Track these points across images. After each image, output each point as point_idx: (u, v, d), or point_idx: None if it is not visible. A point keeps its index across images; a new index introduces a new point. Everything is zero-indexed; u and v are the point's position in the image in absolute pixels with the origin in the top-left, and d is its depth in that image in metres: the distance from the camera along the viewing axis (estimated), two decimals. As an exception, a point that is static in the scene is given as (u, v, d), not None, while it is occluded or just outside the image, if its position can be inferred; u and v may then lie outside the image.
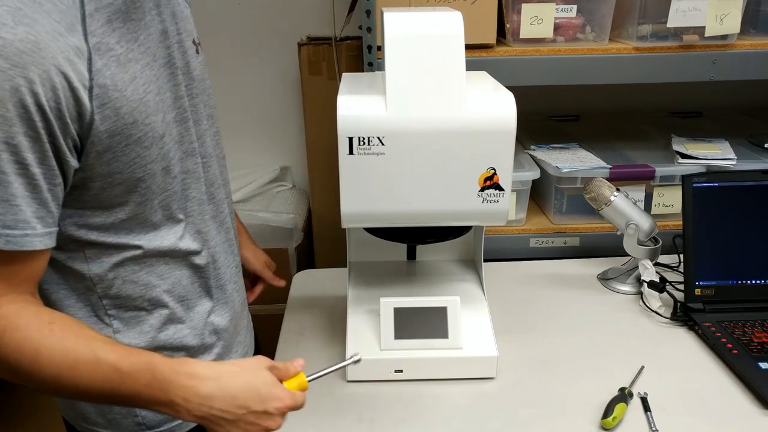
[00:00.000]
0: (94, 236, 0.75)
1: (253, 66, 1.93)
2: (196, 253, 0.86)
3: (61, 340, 0.66)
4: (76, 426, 0.89)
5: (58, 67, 0.62)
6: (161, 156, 0.76)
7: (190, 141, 0.83)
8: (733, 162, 1.47)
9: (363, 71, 1.36)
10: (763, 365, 1.06)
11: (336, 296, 1.31)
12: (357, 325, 1.10)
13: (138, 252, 0.79)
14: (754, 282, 1.24)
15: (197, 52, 0.85)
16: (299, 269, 1.62)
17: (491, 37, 1.36)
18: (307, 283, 1.40)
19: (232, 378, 0.68)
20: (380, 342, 1.05)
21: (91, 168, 0.69)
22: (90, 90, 0.65)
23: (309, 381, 0.77)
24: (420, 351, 1.05)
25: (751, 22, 1.40)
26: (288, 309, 1.31)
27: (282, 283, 1.19)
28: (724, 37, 1.36)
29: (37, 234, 0.65)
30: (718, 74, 1.37)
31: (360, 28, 1.36)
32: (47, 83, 0.61)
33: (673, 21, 1.33)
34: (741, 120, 1.83)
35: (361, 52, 1.37)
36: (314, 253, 2.03)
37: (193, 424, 0.85)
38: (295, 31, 1.87)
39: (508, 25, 1.38)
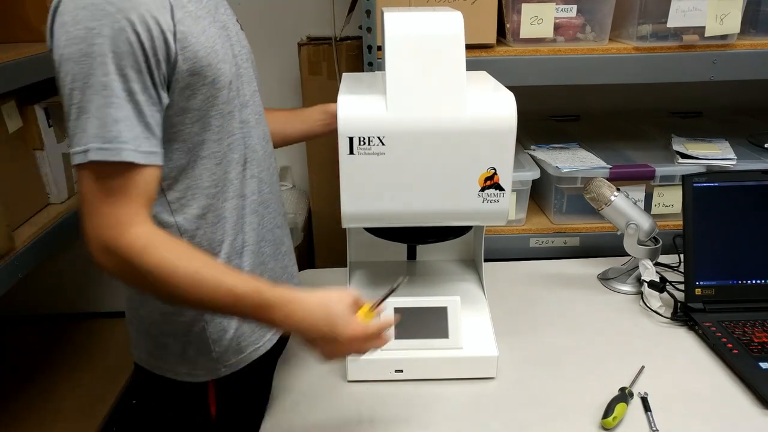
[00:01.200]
0: (175, 183, 0.86)
1: (253, 66, 1.93)
2: (254, 197, 0.96)
3: (191, 261, 0.78)
4: (154, 370, 0.98)
5: (151, 13, 0.75)
6: (229, 99, 0.87)
7: (245, 95, 0.93)
8: (733, 162, 1.47)
9: (363, 71, 1.36)
10: (764, 365, 1.06)
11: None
12: None
13: (212, 199, 0.89)
14: (754, 282, 1.24)
15: (242, 28, 0.99)
16: (299, 269, 1.62)
17: (491, 37, 1.36)
18: (307, 283, 1.39)
19: (317, 306, 0.81)
20: None
21: (176, 103, 0.82)
22: (174, 35, 0.78)
23: (372, 309, 0.87)
24: (420, 351, 1.05)
25: (751, 22, 1.40)
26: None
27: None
28: (724, 37, 1.36)
29: (145, 151, 0.77)
30: (718, 74, 1.37)
31: (360, 28, 1.36)
32: (144, 26, 0.74)
33: (673, 21, 1.33)
34: (741, 120, 1.83)
35: (361, 52, 1.37)
36: (314, 253, 2.03)
37: (261, 353, 1.00)
38: (295, 31, 1.87)
39: (508, 25, 1.38)
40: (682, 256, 1.40)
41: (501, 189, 0.99)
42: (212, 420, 0.99)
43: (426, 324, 1.05)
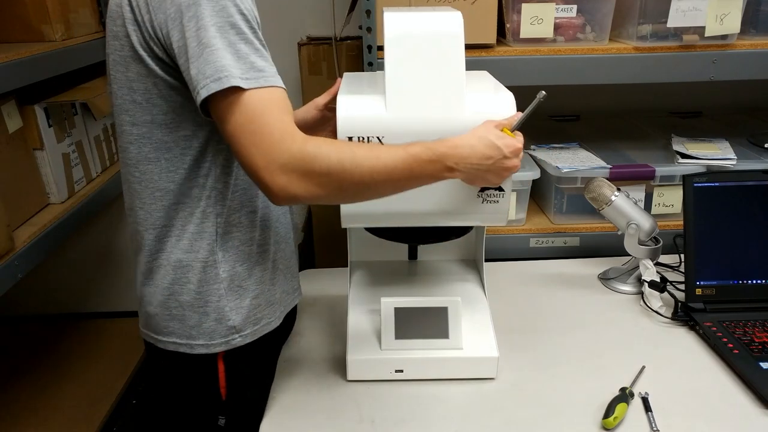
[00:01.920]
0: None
1: (253, 66, 1.93)
2: None
3: (361, 145, 0.86)
4: (167, 347, 0.99)
5: None
6: None
7: None
8: (733, 162, 1.47)
9: (363, 71, 1.36)
10: (764, 365, 1.06)
11: (336, 296, 1.31)
12: (357, 324, 1.10)
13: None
14: (754, 282, 1.24)
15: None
16: (299, 269, 1.62)
17: (491, 37, 1.36)
18: (307, 282, 1.39)
19: (477, 140, 0.88)
20: (381, 342, 1.05)
21: None
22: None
23: (514, 130, 0.93)
24: (420, 351, 1.05)
25: (751, 22, 1.40)
26: (288, 309, 1.30)
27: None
28: (724, 37, 1.36)
29: (279, 78, 0.84)
30: (718, 74, 1.37)
31: (360, 28, 1.36)
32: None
33: (673, 21, 1.33)
34: (741, 120, 1.83)
35: (361, 52, 1.37)
36: (314, 253, 2.03)
37: (272, 327, 1.04)
38: (295, 31, 1.87)
39: (508, 25, 1.38)
40: (682, 256, 1.40)
41: (501, 189, 0.99)
42: (222, 399, 1.01)
43: (426, 324, 1.05)
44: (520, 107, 0.95)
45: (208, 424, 1.03)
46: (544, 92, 0.92)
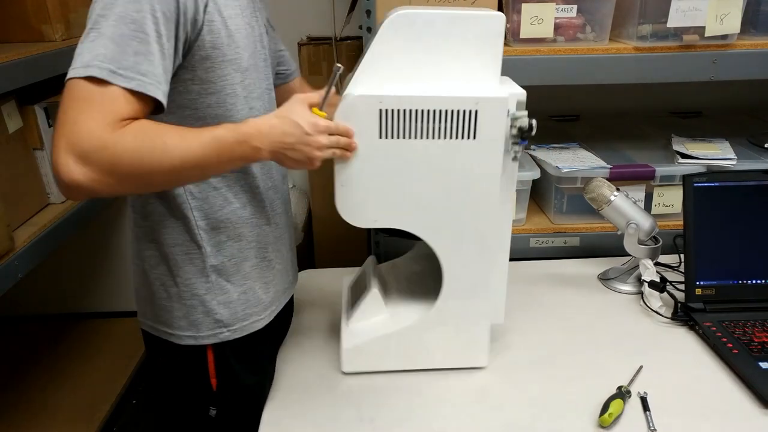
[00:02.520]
0: None
1: (253, 66, 1.93)
2: (256, 177, 0.99)
3: (170, 133, 0.82)
4: (160, 335, 1.02)
5: None
6: (244, 85, 0.92)
7: (258, 87, 0.97)
8: (733, 162, 1.47)
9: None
10: (764, 365, 1.06)
11: (336, 296, 1.31)
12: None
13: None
14: (754, 282, 1.24)
15: (267, 33, 1.03)
16: (299, 269, 1.62)
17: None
18: (307, 283, 1.40)
19: (277, 119, 0.87)
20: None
21: (194, 70, 0.87)
22: (205, 6, 0.84)
23: (321, 107, 0.91)
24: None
25: (751, 22, 1.40)
26: (288, 309, 1.31)
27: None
28: (724, 37, 1.36)
29: (160, 88, 0.80)
30: (718, 74, 1.37)
31: (360, 28, 1.36)
32: None
33: (673, 21, 1.33)
34: (741, 120, 1.83)
35: (361, 52, 1.37)
36: (314, 253, 2.03)
37: (261, 325, 1.05)
38: (295, 31, 1.87)
39: (508, 25, 1.38)
40: (682, 256, 1.40)
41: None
42: (212, 390, 1.03)
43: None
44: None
45: (199, 414, 1.05)
46: (340, 65, 0.91)
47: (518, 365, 1.11)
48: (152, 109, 0.82)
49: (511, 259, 1.09)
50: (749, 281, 1.24)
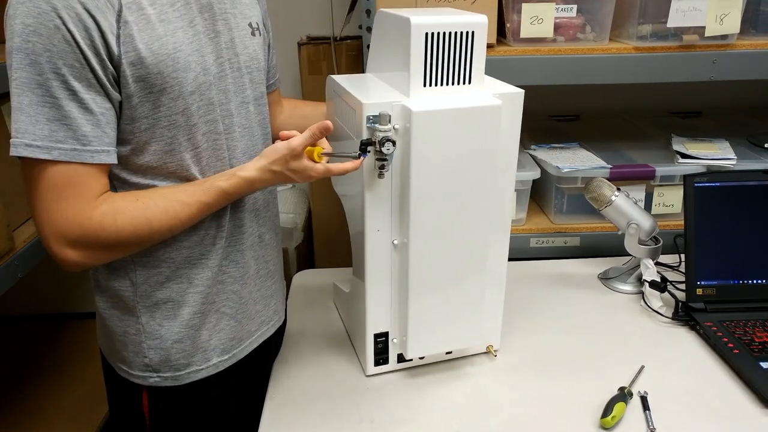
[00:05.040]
0: (133, 179, 0.85)
1: (253, 66, 1.93)
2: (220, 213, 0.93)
3: (156, 205, 0.82)
4: (108, 359, 1.00)
5: (89, 11, 0.72)
6: (189, 112, 0.83)
7: (224, 105, 0.89)
8: (733, 162, 1.47)
9: (363, 71, 1.36)
10: (765, 365, 1.06)
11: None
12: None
13: None
14: (755, 282, 1.24)
15: (252, 34, 0.94)
16: (299, 269, 1.62)
17: (491, 37, 1.36)
18: (307, 283, 1.40)
19: (261, 168, 0.88)
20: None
21: (124, 110, 0.80)
22: (117, 38, 0.75)
23: (320, 156, 0.91)
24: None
25: (751, 22, 1.40)
26: (288, 309, 1.30)
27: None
28: (724, 37, 1.36)
29: (96, 150, 0.77)
30: (718, 74, 1.37)
31: (360, 27, 1.37)
32: (80, 24, 0.72)
33: (673, 21, 1.33)
34: (741, 120, 1.83)
35: (361, 52, 1.37)
36: (314, 253, 2.03)
37: (200, 375, 0.97)
38: (295, 31, 1.87)
39: (508, 25, 1.38)
40: (682, 255, 1.40)
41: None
42: (146, 427, 0.97)
43: None
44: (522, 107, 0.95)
45: None
46: (369, 150, 0.90)
47: (518, 365, 1.11)
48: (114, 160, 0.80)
49: (511, 259, 1.09)
50: (750, 281, 1.24)
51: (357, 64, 1.78)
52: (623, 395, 0.99)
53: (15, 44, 0.72)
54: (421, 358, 1.09)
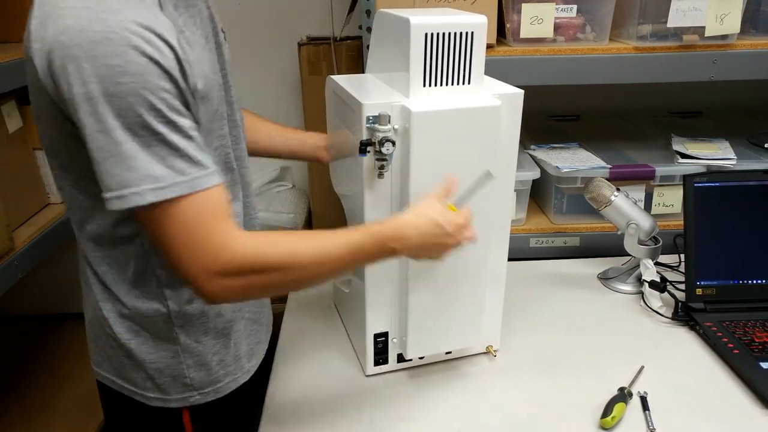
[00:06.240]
0: None
1: (253, 66, 1.93)
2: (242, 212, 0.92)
3: (303, 239, 0.80)
4: (122, 391, 0.92)
5: (167, 41, 0.68)
6: (211, 127, 0.81)
7: (233, 120, 0.89)
8: (733, 162, 1.47)
9: (363, 71, 1.36)
10: (764, 365, 1.06)
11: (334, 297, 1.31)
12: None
13: None
14: (755, 282, 1.24)
15: (225, 39, 0.91)
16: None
17: (491, 37, 1.36)
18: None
19: (419, 219, 0.86)
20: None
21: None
22: (186, 62, 0.71)
23: (457, 206, 0.91)
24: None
25: (751, 22, 1.40)
26: (288, 309, 1.31)
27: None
28: (724, 37, 1.36)
29: (212, 170, 0.73)
30: (718, 74, 1.37)
31: (360, 28, 1.37)
32: (164, 55, 0.67)
33: (673, 21, 1.33)
34: (741, 120, 1.83)
35: (361, 52, 1.37)
36: (314, 253, 2.03)
37: (238, 383, 0.95)
38: (295, 31, 1.87)
39: (508, 25, 1.38)
40: (682, 256, 1.40)
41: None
42: None
43: None
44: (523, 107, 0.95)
45: None
46: (490, 171, 0.91)
47: (518, 365, 1.11)
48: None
49: (510, 259, 1.09)
50: (750, 281, 1.24)
51: (357, 64, 1.78)
52: (623, 395, 0.99)
53: (103, 89, 0.65)
54: (421, 358, 1.09)
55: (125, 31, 0.65)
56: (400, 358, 1.08)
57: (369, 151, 0.90)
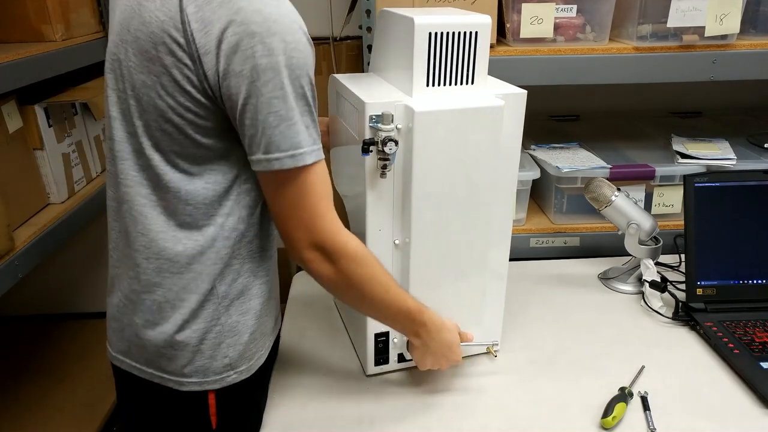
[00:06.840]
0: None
1: (252, 66, 1.93)
2: None
3: (383, 276, 0.90)
4: (153, 379, 0.93)
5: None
6: None
7: None
8: (733, 162, 1.47)
9: (363, 71, 1.36)
10: (765, 365, 1.06)
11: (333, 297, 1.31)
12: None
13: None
14: (755, 282, 1.24)
15: None
16: (299, 269, 1.61)
17: (491, 37, 1.36)
18: (307, 283, 1.40)
19: (446, 327, 0.98)
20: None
21: None
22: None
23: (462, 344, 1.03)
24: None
25: (751, 22, 1.40)
26: (288, 309, 1.31)
27: None
28: (724, 37, 1.36)
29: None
30: (718, 74, 1.37)
31: (360, 27, 1.36)
32: (310, 37, 0.80)
33: (673, 21, 1.33)
34: (741, 120, 1.83)
35: (361, 52, 1.37)
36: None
37: (261, 354, 0.99)
38: (295, 32, 1.87)
39: (508, 25, 1.38)
40: (682, 256, 1.40)
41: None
42: (212, 428, 0.96)
43: None
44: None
45: None
46: (497, 344, 1.08)
47: (519, 365, 1.11)
48: None
49: (511, 259, 1.09)
50: (750, 281, 1.24)
51: (357, 64, 1.78)
52: (623, 395, 0.99)
53: (280, 61, 0.75)
54: (422, 358, 1.09)
55: (293, 14, 0.77)
56: (401, 358, 1.08)
57: (372, 151, 0.90)
